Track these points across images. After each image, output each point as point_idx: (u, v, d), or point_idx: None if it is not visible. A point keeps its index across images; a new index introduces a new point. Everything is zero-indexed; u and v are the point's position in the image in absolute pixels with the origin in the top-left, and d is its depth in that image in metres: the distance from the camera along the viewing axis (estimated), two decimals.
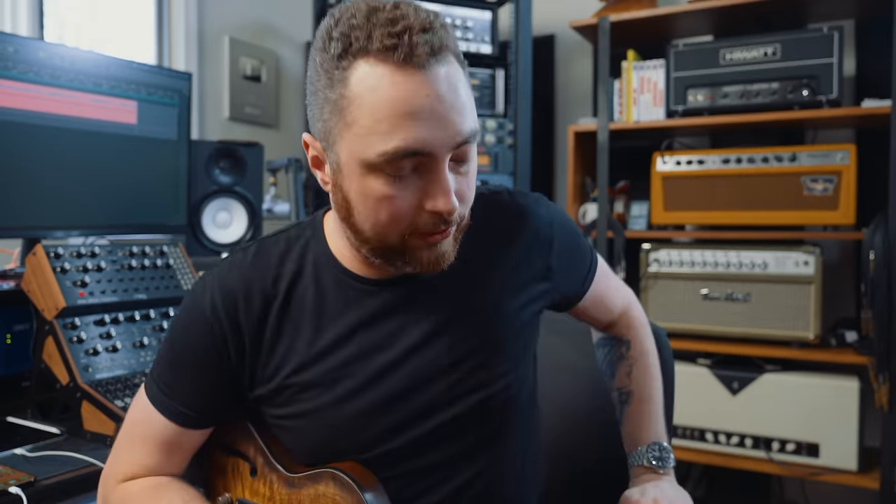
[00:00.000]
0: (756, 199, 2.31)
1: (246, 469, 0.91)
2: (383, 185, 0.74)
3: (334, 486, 0.81)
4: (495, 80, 2.47)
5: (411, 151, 0.71)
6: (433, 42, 0.71)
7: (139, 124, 1.73)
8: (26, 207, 1.52)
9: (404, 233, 0.77)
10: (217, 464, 0.94)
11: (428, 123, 0.71)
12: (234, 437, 0.92)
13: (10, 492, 1.01)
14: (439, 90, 0.72)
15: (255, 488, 0.90)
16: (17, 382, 1.44)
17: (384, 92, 0.71)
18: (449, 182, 0.74)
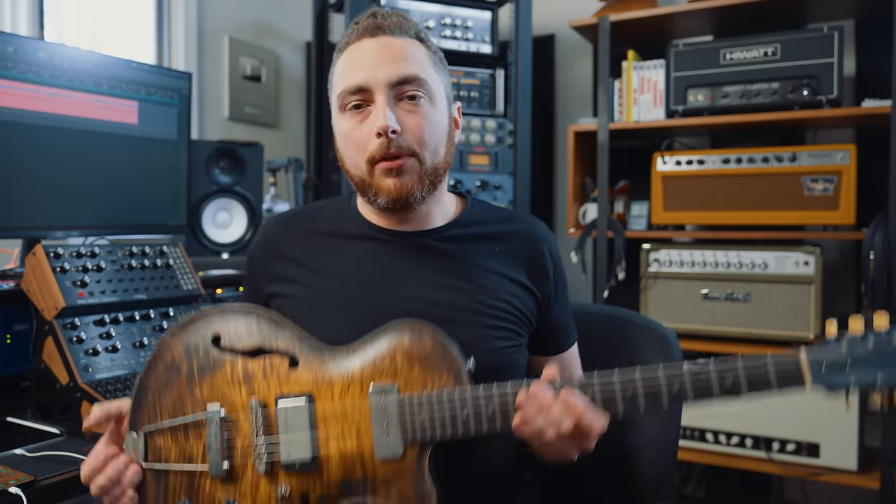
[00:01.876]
0: (756, 199, 2.31)
1: (283, 364, 0.88)
2: (347, 123, 0.97)
3: (409, 335, 0.86)
4: (495, 80, 2.47)
5: (355, 87, 0.95)
6: (379, 22, 0.97)
7: (140, 124, 1.73)
8: (26, 207, 1.52)
9: (366, 160, 0.95)
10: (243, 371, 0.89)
11: (368, 68, 0.95)
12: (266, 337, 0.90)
13: (10, 492, 1.01)
14: (380, 49, 0.95)
15: (297, 378, 0.87)
16: (17, 382, 1.44)
17: (344, 59, 0.99)
18: (384, 110, 0.93)
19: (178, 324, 0.93)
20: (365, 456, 0.83)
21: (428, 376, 0.84)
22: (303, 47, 3.10)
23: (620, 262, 2.46)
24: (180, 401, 0.89)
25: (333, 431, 0.84)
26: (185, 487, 0.86)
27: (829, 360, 0.77)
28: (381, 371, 0.85)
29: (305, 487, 0.84)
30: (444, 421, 0.82)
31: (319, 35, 2.77)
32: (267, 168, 2.53)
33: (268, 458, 0.85)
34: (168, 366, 0.91)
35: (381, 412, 0.83)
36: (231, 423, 0.87)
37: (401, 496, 0.82)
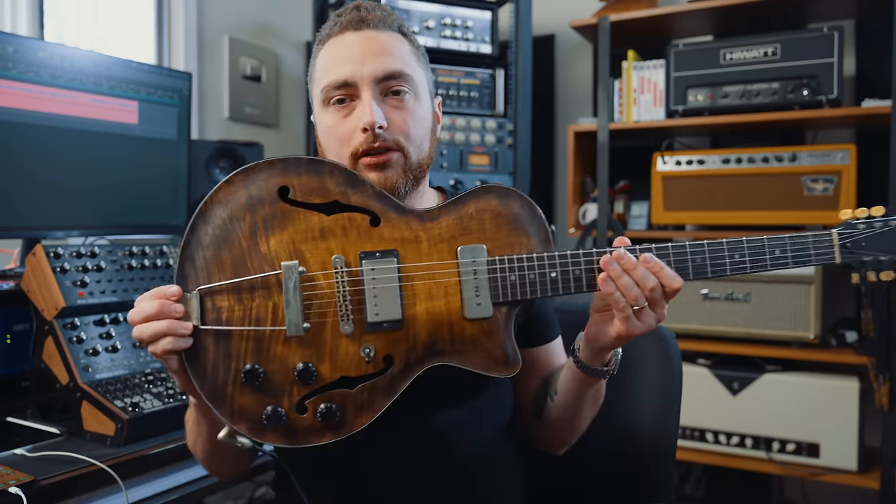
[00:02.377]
0: (756, 199, 2.31)
1: (364, 221, 0.85)
2: (331, 118, 0.95)
3: (495, 197, 0.86)
4: (495, 80, 2.47)
5: (340, 81, 0.93)
6: (362, 15, 0.95)
7: (140, 124, 1.73)
8: (26, 207, 1.52)
9: (350, 155, 0.93)
10: (320, 227, 0.84)
11: (352, 63, 0.93)
12: (343, 193, 0.85)
13: (10, 492, 1.01)
14: (365, 43, 0.94)
15: (380, 235, 0.84)
16: (17, 382, 1.44)
17: (330, 50, 0.97)
18: (371, 105, 0.91)
19: (232, 175, 0.83)
20: (453, 315, 0.83)
21: (515, 239, 0.85)
22: (303, 47, 3.10)
23: None
24: (242, 257, 0.82)
25: (421, 291, 0.83)
26: (253, 351, 0.80)
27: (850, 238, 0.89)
28: (470, 231, 0.85)
29: (390, 348, 0.82)
30: (533, 281, 0.83)
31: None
32: None
33: (353, 317, 0.82)
34: (224, 220, 0.82)
35: (471, 272, 0.83)
36: (311, 279, 0.82)
37: (487, 355, 0.83)
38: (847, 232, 0.89)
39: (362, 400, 0.82)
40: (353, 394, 0.81)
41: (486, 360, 0.83)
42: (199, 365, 0.81)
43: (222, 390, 0.81)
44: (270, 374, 0.81)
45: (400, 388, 0.83)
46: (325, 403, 0.81)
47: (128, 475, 1.17)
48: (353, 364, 0.82)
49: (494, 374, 0.84)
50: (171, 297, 0.80)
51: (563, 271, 0.84)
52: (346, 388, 0.81)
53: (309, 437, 0.81)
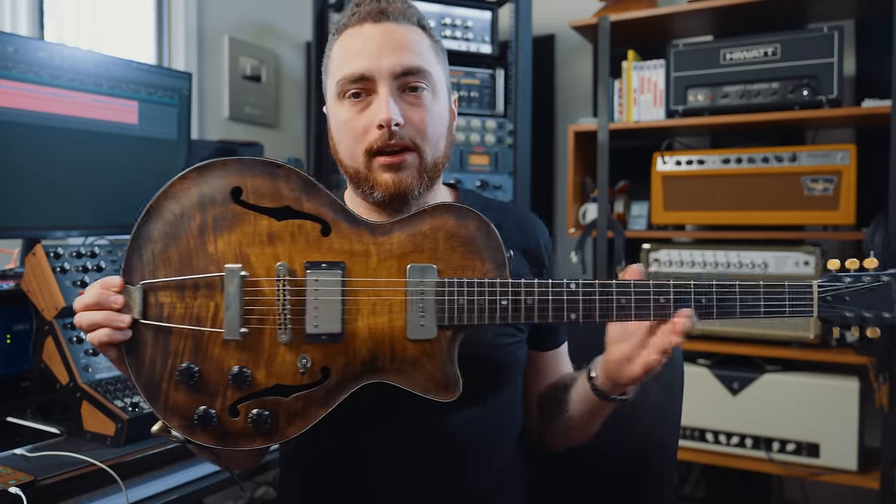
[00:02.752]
0: (756, 199, 2.31)
1: (314, 230, 0.81)
2: (346, 112, 0.93)
3: (453, 217, 0.83)
4: (495, 80, 2.46)
5: (357, 75, 0.91)
6: (382, 6, 0.93)
7: (140, 124, 1.73)
8: (26, 207, 1.52)
9: (364, 152, 0.92)
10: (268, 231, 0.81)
11: (370, 56, 0.91)
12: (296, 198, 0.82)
13: (10, 492, 1.01)
14: (384, 36, 0.92)
15: (328, 246, 0.81)
16: (17, 382, 1.44)
17: (347, 42, 0.94)
18: (388, 101, 0.90)
19: (188, 171, 0.82)
20: (396, 334, 0.80)
21: (468, 262, 0.82)
22: (303, 47, 3.10)
23: (620, 263, 2.46)
24: (189, 255, 0.80)
25: (365, 306, 0.80)
26: (190, 351, 0.79)
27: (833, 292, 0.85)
28: (422, 250, 0.82)
29: (328, 360, 0.80)
30: (482, 307, 0.80)
31: (319, 35, 2.77)
32: None
33: (291, 327, 0.79)
34: (175, 216, 0.81)
35: (418, 292, 0.80)
36: (253, 284, 0.80)
37: (427, 377, 0.80)
38: (830, 285, 0.84)
39: (296, 409, 0.80)
40: (286, 402, 0.79)
41: (425, 382, 0.80)
42: (138, 358, 0.80)
43: (157, 385, 0.79)
44: (205, 374, 0.79)
45: (336, 400, 0.80)
46: (257, 409, 0.79)
47: (128, 475, 1.17)
48: (290, 373, 0.80)
49: (432, 397, 0.81)
50: (112, 289, 0.80)
51: (515, 300, 0.81)
52: (280, 396, 0.80)
53: (240, 441, 0.79)
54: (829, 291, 0.84)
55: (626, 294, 0.81)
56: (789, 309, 0.83)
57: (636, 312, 0.81)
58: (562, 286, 0.81)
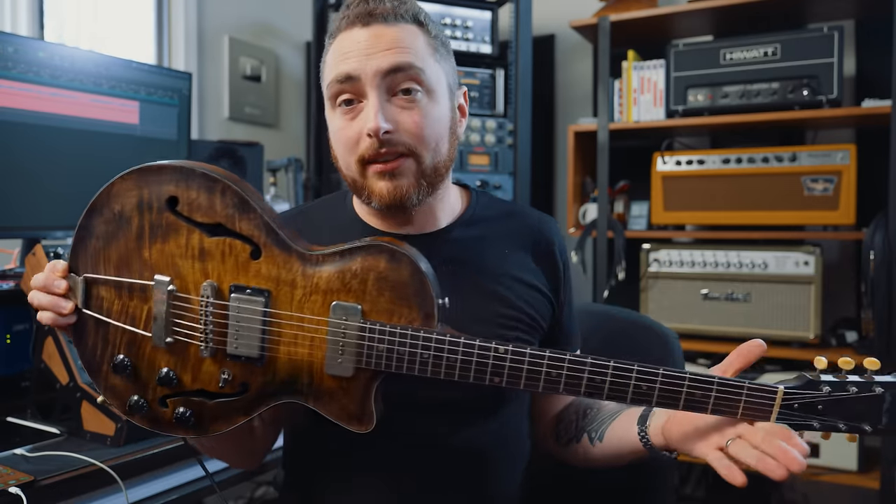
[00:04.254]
0: (756, 199, 2.31)
1: (244, 251, 0.81)
2: (338, 120, 0.91)
3: (386, 259, 0.79)
4: (495, 80, 2.47)
5: (343, 75, 0.88)
6: (370, 8, 0.89)
7: (141, 124, 1.73)
8: (26, 207, 1.52)
9: (357, 161, 0.90)
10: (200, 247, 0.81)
11: (357, 58, 0.88)
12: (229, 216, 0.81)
13: (10, 492, 1.01)
14: (371, 37, 0.88)
15: (256, 270, 0.80)
16: (17, 382, 1.44)
17: (339, 46, 0.91)
18: (377, 106, 0.87)
19: (131, 171, 0.82)
20: (314, 367, 0.80)
21: (395, 308, 0.79)
22: (303, 47, 3.10)
23: (620, 262, 2.46)
24: (127, 257, 0.82)
25: (286, 336, 0.80)
26: (126, 345, 0.82)
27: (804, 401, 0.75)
28: (350, 289, 0.79)
29: (247, 378, 0.81)
30: (401, 356, 0.78)
31: (319, 35, 2.77)
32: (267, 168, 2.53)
33: (213, 345, 0.81)
34: (116, 214, 0.82)
35: (339, 331, 0.79)
36: (180, 299, 0.81)
37: (342, 409, 0.80)
38: (800, 393, 0.74)
39: (218, 412, 0.82)
40: (210, 404, 0.82)
41: (340, 412, 0.80)
42: (82, 340, 0.84)
43: (98, 368, 0.84)
44: (138, 369, 0.83)
45: (256, 410, 0.82)
46: (182, 407, 0.82)
47: (128, 475, 1.17)
48: (213, 382, 0.82)
49: (346, 426, 0.80)
50: (58, 273, 0.83)
51: (437, 355, 0.78)
52: (204, 399, 0.82)
53: (170, 430, 0.83)
54: (796, 399, 0.74)
55: (558, 367, 0.76)
56: (742, 411, 0.75)
57: (565, 388, 0.77)
58: (489, 349, 0.77)
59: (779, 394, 0.74)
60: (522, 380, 0.77)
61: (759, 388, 0.74)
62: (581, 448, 1.00)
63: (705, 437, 0.79)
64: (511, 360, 0.77)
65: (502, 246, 1.01)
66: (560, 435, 1.04)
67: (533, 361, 0.77)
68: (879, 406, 0.74)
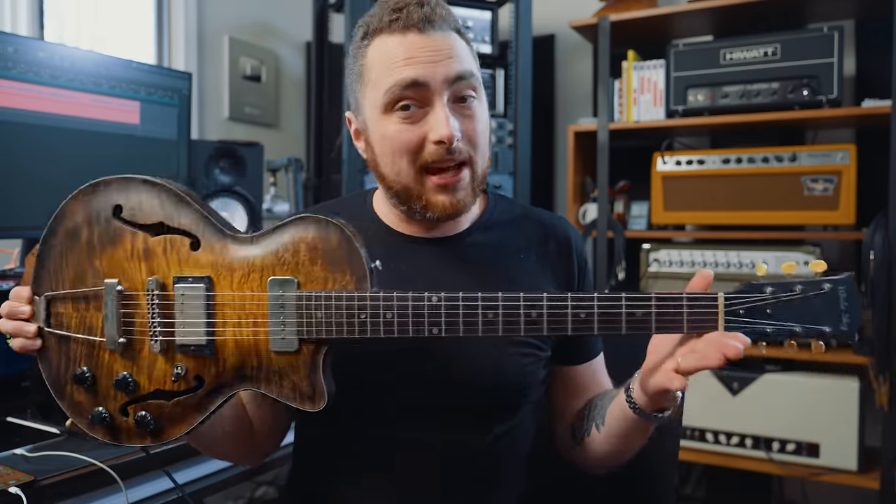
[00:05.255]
0: (756, 199, 2.31)
1: (184, 245, 0.84)
2: (395, 124, 0.89)
3: (314, 228, 0.81)
4: (495, 80, 2.47)
5: (410, 81, 0.87)
6: (427, 13, 0.89)
7: (142, 125, 1.73)
8: (26, 207, 1.52)
9: (417, 168, 0.90)
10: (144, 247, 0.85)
11: (422, 63, 0.88)
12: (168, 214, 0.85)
13: (10, 492, 1.01)
14: (432, 44, 0.88)
15: (196, 260, 0.84)
16: (17, 382, 1.44)
17: (389, 50, 0.89)
18: (446, 113, 0.87)
19: (81, 189, 0.89)
20: (260, 346, 0.81)
21: (329, 275, 0.80)
22: (303, 47, 3.10)
23: (620, 262, 2.46)
24: (81, 270, 0.86)
25: (230, 319, 0.82)
26: (85, 357, 0.85)
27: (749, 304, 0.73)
28: (283, 263, 0.81)
29: (200, 370, 0.83)
30: (340, 322, 0.79)
31: (319, 35, 2.77)
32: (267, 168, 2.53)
33: (163, 338, 0.83)
34: (69, 232, 0.87)
35: (278, 305, 0.80)
36: (130, 299, 0.84)
37: (294, 387, 0.81)
38: (740, 296, 0.74)
39: (176, 413, 0.83)
40: (168, 405, 0.84)
41: (291, 392, 0.81)
42: (47, 361, 0.88)
43: (63, 387, 0.86)
44: (98, 378, 0.85)
45: (211, 406, 0.83)
46: (142, 412, 0.84)
47: (128, 475, 1.17)
48: (168, 380, 0.83)
49: (300, 407, 0.81)
50: (21, 300, 0.86)
51: (374, 314, 0.78)
52: (163, 400, 0.84)
53: (133, 439, 0.85)
54: (739, 304, 0.73)
55: (493, 308, 0.77)
56: (688, 323, 0.75)
57: (504, 327, 0.77)
58: (422, 299, 0.78)
59: (720, 298, 0.74)
60: (460, 326, 0.78)
61: (697, 295, 0.75)
62: (591, 441, 0.99)
63: (663, 366, 0.79)
64: (446, 306, 0.78)
65: (518, 250, 1.01)
66: (576, 432, 1.03)
67: (468, 305, 0.77)
68: (835, 305, 0.72)
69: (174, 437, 0.85)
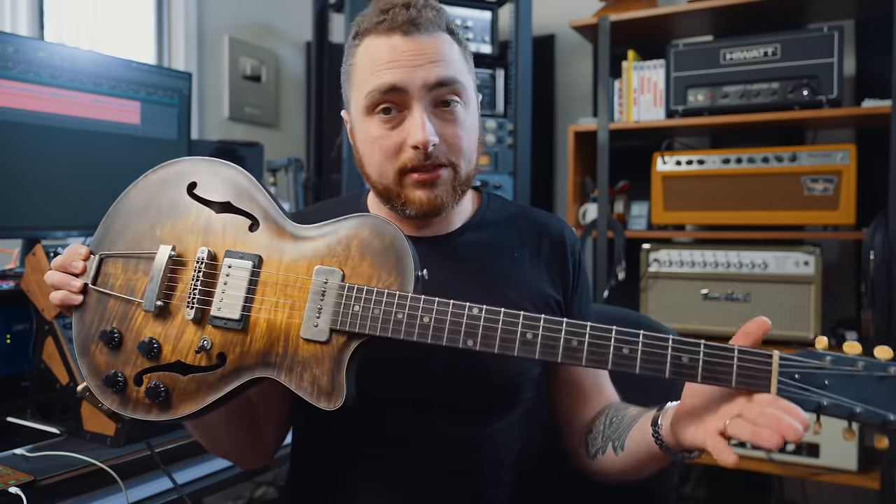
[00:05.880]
0: (756, 199, 2.31)
1: (244, 224, 0.86)
2: (376, 128, 0.91)
3: (371, 227, 0.82)
4: (495, 80, 2.47)
5: (388, 86, 0.88)
6: (412, 16, 0.89)
7: (143, 125, 1.73)
8: (26, 207, 1.52)
9: (397, 170, 0.90)
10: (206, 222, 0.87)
11: (403, 68, 0.88)
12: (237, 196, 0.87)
13: (10, 492, 1.01)
14: (415, 47, 0.88)
15: (252, 241, 0.85)
16: (17, 382, 1.44)
17: (374, 52, 0.90)
18: (423, 119, 0.88)
19: (162, 165, 0.91)
20: (291, 331, 0.81)
21: (375, 272, 0.81)
22: (303, 47, 3.10)
23: (620, 262, 2.46)
24: (141, 236, 0.88)
25: (269, 300, 0.82)
26: (119, 317, 0.86)
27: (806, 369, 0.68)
28: (333, 255, 0.82)
29: (226, 347, 0.82)
30: (376, 317, 0.78)
31: (319, 35, 2.77)
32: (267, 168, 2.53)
33: (199, 305, 0.83)
34: (141, 202, 0.90)
35: (319, 292, 0.81)
36: (178, 266, 0.85)
37: (313, 381, 0.79)
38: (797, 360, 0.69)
39: (190, 389, 0.83)
40: (183, 380, 0.83)
41: (310, 386, 0.79)
42: (81, 319, 0.88)
43: (88, 345, 0.86)
44: (124, 339, 0.85)
45: (226, 388, 0.82)
46: (156, 381, 0.83)
47: (128, 475, 1.17)
48: (191, 353, 0.83)
49: (315, 403, 0.79)
50: (79, 256, 0.87)
51: (411, 315, 0.78)
52: (178, 373, 0.83)
53: (139, 410, 0.84)
54: (796, 367, 0.69)
55: (534, 329, 0.75)
56: (737, 378, 0.71)
57: (541, 350, 0.75)
58: (463, 308, 0.77)
59: (774, 358, 0.70)
60: (497, 342, 0.76)
61: (751, 351, 0.71)
62: (606, 460, 0.97)
63: (703, 420, 0.75)
64: (486, 319, 0.77)
65: (511, 248, 1.01)
66: (589, 446, 1.01)
67: (508, 321, 0.76)
68: None
69: (182, 415, 0.83)
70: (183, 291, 0.85)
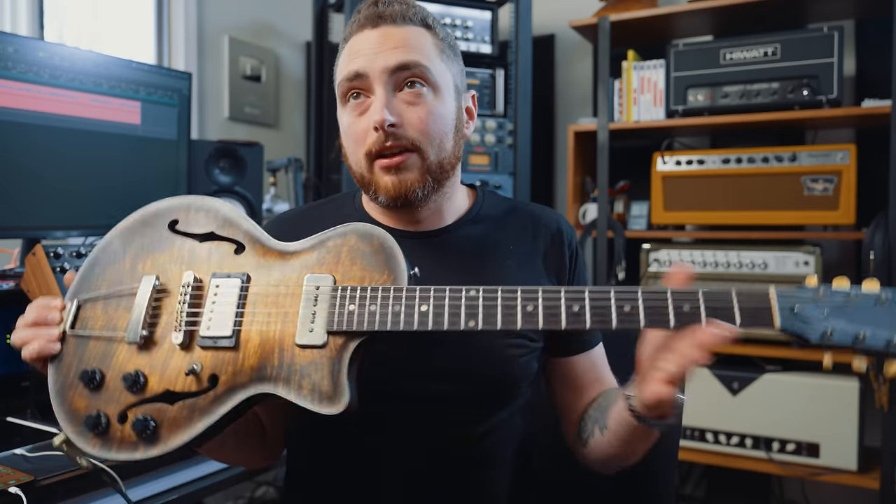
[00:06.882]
0: (756, 199, 2.31)
1: (230, 249, 0.86)
2: (348, 116, 0.94)
3: (356, 235, 0.83)
4: (495, 80, 2.47)
5: (353, 73, 0.92)
6: (379, 11, 0.93)
7: (143, 125, 1.73)
8: (26, 207, 1.52)
9: (365, 156, 0.92)
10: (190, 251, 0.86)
11: (365, 56, 0.92)
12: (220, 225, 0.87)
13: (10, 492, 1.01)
14: (380, 36, 0.92)
15: (238, 262, 0.85)
16: (17, 382, 1.44)
17: (349, 47, 0.95)
18: (383, 101, 0.90)
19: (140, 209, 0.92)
20: (285, 341, 0.79)
21: (367, 273, 0.81)
22: (303, 47, 3.10)
23: (620, 262, 2.46)
24: (121, 275, 0.87)
25: (260, 314, 0.81)
26: (100, 357, 0.82)
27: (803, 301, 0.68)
28: (323, 264, 0.82)
29: (217, 368, 0.79)
30: (373, 312, 0.77)
31: (319, 35, 2.77)
32: (267, 168, 2.53)
33: (187, 327, 0.81)
34: (119, 244, 0.90)
35: (311, 298, 0.80)
36: (163, 295, 0.84)
37: (313, 387, 0.77)
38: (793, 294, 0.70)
39: (180, 417, 0.78)
40: (171, 409, 0.79)
41: (311, 394, 0.77)
42: (59, 367, 0.84)
43: (66, 391, 0.83)
44: (107, 380, 0.81)
45: (220, 410, 0.78)
46: (143, 414, 0.79)
47: (128, 475, 1.17)
48: (180, 379, 0.80)
49: (317, 410, 0.76)
50: (53, 308, 0.86)
51: (409, 305, 0.77)
52: (166, 403, 0.79)
53: (123, 449, 0.79)
54: (793, 301, 0.69)
55: (533, 300, 0.75)
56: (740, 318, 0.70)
57: (544, 320, 0.75)
58: (461, 291, 0.77)
59: (771, 293, 0.70)
60: (499, 318, 0.76)
61: (748, 292, 0.70)
62: (596, 443, 0.97)
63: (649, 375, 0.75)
64: (484, 298, 0.77)
65: (507, 242, 1.01)
66: (581, 433, 1.02)
67: (506, 297, 0.76)
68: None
69: (171, 447, 0.78)
70: (168, 320, 0.82)
